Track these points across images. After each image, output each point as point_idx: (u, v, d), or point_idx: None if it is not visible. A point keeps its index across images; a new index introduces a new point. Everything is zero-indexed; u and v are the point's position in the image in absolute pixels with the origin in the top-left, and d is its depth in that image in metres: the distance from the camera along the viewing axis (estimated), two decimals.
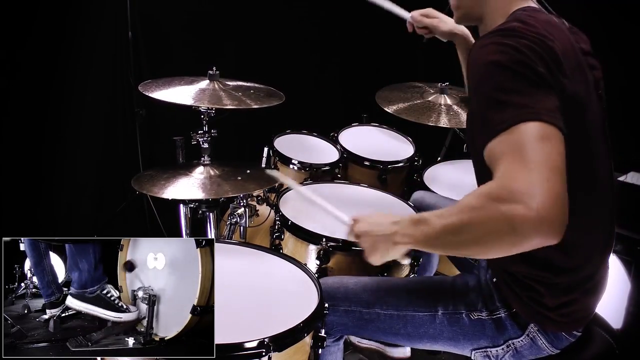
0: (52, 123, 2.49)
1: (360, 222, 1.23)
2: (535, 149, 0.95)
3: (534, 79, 1.03)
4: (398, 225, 1.14)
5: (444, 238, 1.05)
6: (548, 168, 0.94)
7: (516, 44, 1.05)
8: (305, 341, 1.22)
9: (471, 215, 0.99)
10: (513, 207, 0.92)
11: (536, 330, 1.27)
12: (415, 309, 1.35)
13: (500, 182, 0.96)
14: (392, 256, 1.19)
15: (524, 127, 0.97)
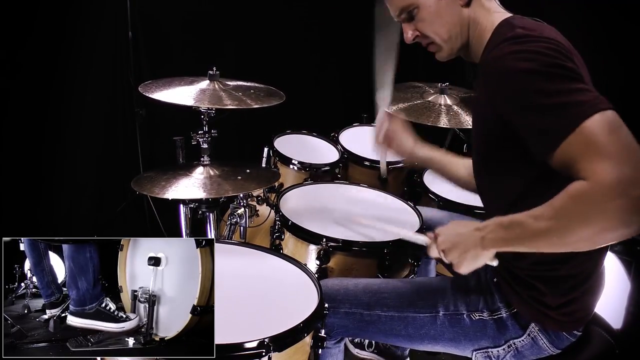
0: (52, 123, 2.49)
1: (441, 236, 1.23)
2: (611, 140, 0.96)
3: (571, 75, 1.04)
4: (484, 231, 1.15)
5: (547, 240, 1.04)
6: (632, 152, 0.96)
7: (537, 48, 1.06)
8: (305, 341, 1.22)
9: (574, 218, 0.99)
10: (619, 202, 0.93)
11: (537, 330, 1.27)
12: (416, 310, 1.35)
13: (596, 182, 0.96)
14: (482, 262, 1.19)
15: (589, 123, 0.98)
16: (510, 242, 1.11)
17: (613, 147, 0.96)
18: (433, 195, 2.12)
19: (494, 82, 1.13)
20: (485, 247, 1.15)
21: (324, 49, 3.27)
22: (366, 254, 1.60)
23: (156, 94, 1.67)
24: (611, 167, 0.95)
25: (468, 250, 1.17)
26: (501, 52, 1.11)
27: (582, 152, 0.98)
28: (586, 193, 0.97)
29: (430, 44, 1.35)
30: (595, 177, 0.96)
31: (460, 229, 1.21)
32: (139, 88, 1.72)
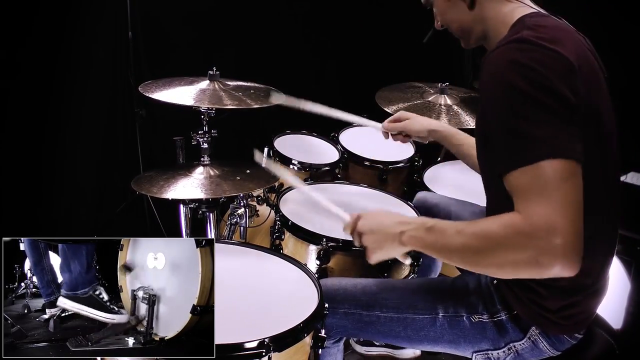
0: (52, 123, 2.49)
1: (363, 220, 1.26)
2: (560, 189, 1.00)
3: (555, 107, 1.03)
4: (407, 227, 1.18)
5: (460, 255, 1.10)
6: (572, 208, 1.00)
7: (529, 62, 1.05)
8: (305, 341, 1.22)
9: (495, 244, 1.04)
10: (540, 244, 0.98)
11: (537, 333, 1.26)
12: (416, 311, 1.34)
13: (529, 219, 1.00)
14: (394, 255, 1.23)
15: (548, 164, 1.00)
16: (427, 245, 1.15)
17: (557, 196, 0.99)
18: None
19: (487, 83, 1.13)
20: (402, 242, 1.18)
21: (324, 49, 3.27)
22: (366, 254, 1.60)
23: (156, 94, 1.67)
24: (547, 212, 0.99)
25: (384, 240, 1.20)
26: (501, 55, 1.10)
27: (528, 186, 1.02)
28: (515, 225, 1.01)
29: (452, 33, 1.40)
30: (529, 214, 1.00)
31: (385, 218, 1.23)
32: (139, 88, 1.72)
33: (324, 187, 2.02)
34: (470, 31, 1.33)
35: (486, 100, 1.14)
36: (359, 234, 1.26)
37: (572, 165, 1.02)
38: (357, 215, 1.28)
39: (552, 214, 0.98)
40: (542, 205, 0.99)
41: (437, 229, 1.13)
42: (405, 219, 1.21)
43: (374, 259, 1.25)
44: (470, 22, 1.31)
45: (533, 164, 1.01)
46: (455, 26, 1.35)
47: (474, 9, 1.28)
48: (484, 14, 1.28)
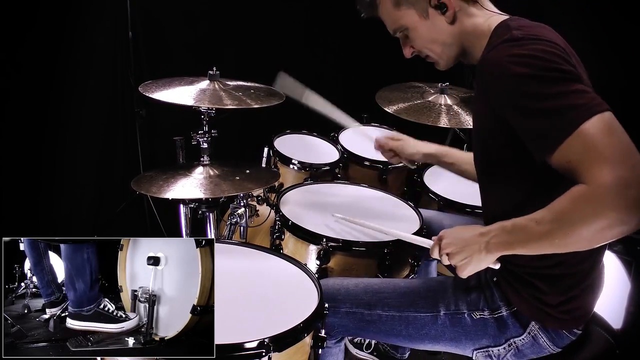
0: (52, 123, 2.49)
1: (445, 240, 1.24)
2: (608, 143, 0.99)
3: (568, 77, 1.05)
4: (488, 236, 1.17)
5: (549, 242, 1.07)
6: (628, 154, 0.99)
7: (533, 52, 1.07)
8: (305, 341, 1.22)
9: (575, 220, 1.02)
10: (615, 203, 0.97)
11: (537, 329, 1.27)
12: (417, 310, 1.35)
13: (594, 184, 0.99)
14: (485, 265, 1.21)
15: (587, 126, 1.00)
16: (514, 245, 1.13)
17: (610, 150, 0.99)
18: (433, 195, 2.12)
19: (492, 85, 1.14)
20: (490, 251, 1.17)
21: (324, 49, 3.27)
22: (366, 254, 1.60)
23: (156, 94, 1.67)
24: (608, 170, 0.97)
25: (472, 254, 1.19)
26: (498, 54, 1.12)
27: (580, 155, 1.01)
28: (585, 196, 1.00)
29: (427, 56, 1.40)
30: (593, 180, 0.99)
31: (465, 233, 1.22)
32: (139, 88, 1.72)
33: (324, 187, 2.02)
34: (451, 49, 1.34)
35: (498, 100, 1.14)
36: (447, 255, 1.23)
37: (610, 117, 1.02)
38: (438, 236, 1.27)
39: (613, 169, 0.97)
40: (600, 166, 0.98)
41: (517, 227, 1.12)
42: (484, 228, 1.19)
43: (467, 274, 1.22)
44: (451, 40, 1.32)
45: (573, 133, 1.01)
46: (436, 46, 1.34)
47: (454, 25, 1.29)
48: (463, 29, 1.30)
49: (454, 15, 1.28)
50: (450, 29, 1.30)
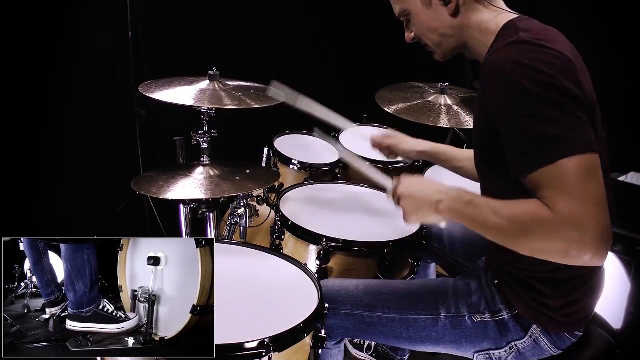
0: (52, 123, 2.49)
1: (403, 184, 1.28)
2: (583, 185, 1.01)
3: (565, 101, 1.05)
4: (445, 195, 1.19)
5: (492, 233, 1.12)
6: (597, 201, 1.01)
7: (534, 63, 1.06)
8: (305, 341, 1.22)
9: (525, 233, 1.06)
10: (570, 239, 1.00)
11: (539, 332, 1.27)
12: (418, 312, 1.34)
13: (558, 213, 1.01)
14: (430, 221, 1.24)
15: (567, 162, 1.02)
16: (463, 217, 1.16)
17: (579, 193, 1.01)
18: None
19: (491, 88, 1.14)
20: (439, 211, 1.19)
21: (324, 49, 3.27)
22: (366, 254, 1.60)
23: (156, 94, 1.67)
24: (572, 206, 1.00)
25: (422, 206, 1.22)
26: (503, 57, 1.11)
27: (552, 185, 1.03)
28: (545, 219, 1.03)
29: (426, 45, 1.40)
30: (556, 209, 1.02)
31: (424, 186, 1.26)
32: (139, 88, 1.72)
33: (324, 187, 2.02)
34: (449, 41, 1.33)
35: (493, 104, 1.14)
36: (398, 197, 1.27)
37: (591, 158, 1.03)
38: (398, 178, 1.30)
39: (578, 210, 1.00)
40: (567, 201, 1.01)
41: (475, 204, 1.14)
42: (444, 188, 1.22)
43: (409, 222, 1.27)
44: (451, 31, 1.31)
45: (553, 164, 1.02)
46: (434, 36, 1.34)
47: (456, 17, 1.29)
48: (465, 23, 1.29)
49: (456, 8, 1.27)
50: (451, 21, 1.29)
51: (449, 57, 1.38)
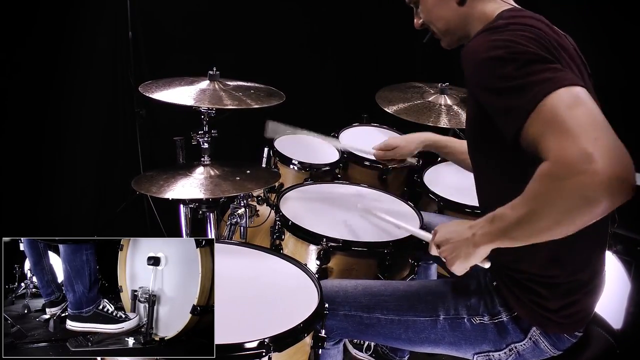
0: (52, 123, 2.49)
1: (439, 232, 1.23)
2: (572, 115, 0.94)
3: (541, 58, 1.03)
4: (475, 228, 1.14)
5: (523, 228, 1.03)
6: (592, 127, 0.93)
7: (509, 37, 1.06)
8: (305, 341, 1.22)
9: (540, 200, 0.97)
10: (577, 179, 0.90)
11: (538, 334, 1.26)
12: (416, 314, 1.34)
13: (555, 159, 0.94)
14: (474, 261, 1.17)
15: (550, 98, 0.96)
16: (496, 235, 1.09)
17: (571, 122, 0.93)
18: (433, 196, 2.12)
19: (468, 71, 1.13)
20: (476, 243, 1.13)
21: (324, 49, 3.27)
22: (366, 254, 1.60)
23: (156, 94, 1.67)
24: (568, 144, 0.92)
25: (460, 246, 1.16)
26: (476, 42, 1.12)
27: (544, 129, 0.97)
28: (547, 173, 0.95)
29: (433, 32, 1.40)
30: (554, 154, 0.94)
31: (457, 226, 1.20)
32: (139, 88, 1.72)
33: (324, 187, 2.02)
34: (455, 29, 1.33)
35: (474, 84, 1.12)
36: (437, 247, 1.23)
37: (574, 90, 0.97)
38: (433, 231, 1.26)
39: (574, 143, 0.91)
40: (561, 140, 0.93)
41: (497, 216, 1.08)
42: (474, 222, 1.16)
43: (457, 270, 1.19)
44: (457, 20, 1.31)
45: (535, 109, 0.98)
46: (441, 24, 1.35)
47: (463, 6, 1.29)
48: (470, 12, 1.29)
49: None
50: (457, 9, 1.29)
51: (455, 45, 1.38)
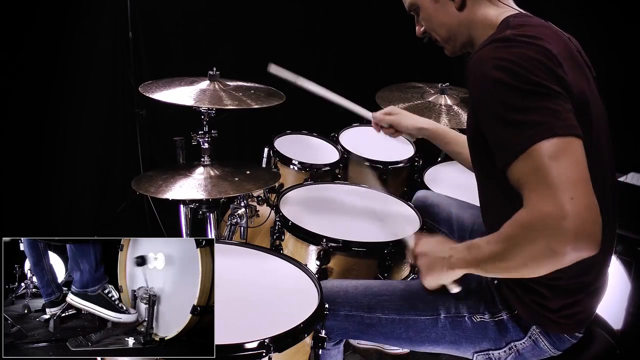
0: (52, 123, 2.49)
1: (422, 243, 1.30)
2: (555, 168, 0.97)
3: (543, 91, 1.03)
4: (454, 250, 1.21)
5: (493, 264, 1.10)
6: (571, 184, 0.96)
7: (514, 58, 1.05)
8: (305, 342, 1.22)
9: (512, 244, 1.04)
10: (548, 232, 0.96)
11: (538, 333, 1.26)
12: (417, 313, 1.34)
13: (531, 210, 0.99)
14: (445, 280, 1.26)
15: (539, 147, 0.99)
16: (470, 263, 1.16)
17: (553, 177, 0.97)
18: None
19: (472, 83, 1.14)
20: (451, 265, 1.20)
21: (324, 49, 3.27)
22: (366, 254, 1.60)
23: (156, 94, 1.67)
24: (547, 198, 0.96)
25: (436, 263, 1.24)
26: (483, 54, 1.11)
27: (526, 176, 1.01)
28: (522, 221, 1.01)
29: (435, 40, 1.40)
30: (531, 205, 0.99)
31: (439, 243, 1.27)
32: (140, 88, 1.72)
33: (324, 187, 2.02)
34: (457, 35, 1.33)
35: (476, 100, 1.14)
36: (415, 256, 1.30)
37: (567, 142, 0.99)
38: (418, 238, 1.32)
39: (550, 198, 0.96)
40: (540, 192, 0.97)
41: (474, 245, 1.14)
42: (456, 245, 1.22)
43: (427, 283, 1.29)
44: (457, 26, 1.31)
45: (525, 152, 1.00)
46: (442, 31, 1.35)
47: (462, 12, 1.29)
48: (471, 17, 1.29)
49: (462, 2, 1.27)
50: (458, 15, 1.29)
51: (458, 52, 1.38)
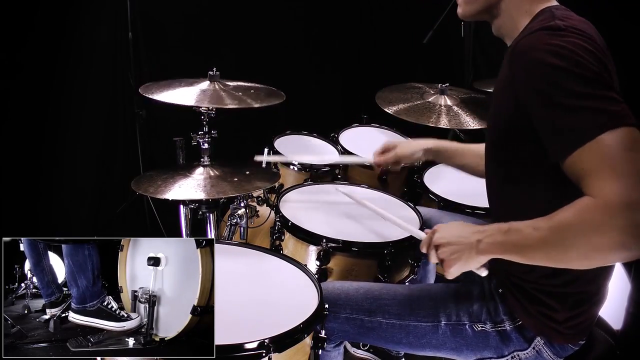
0: (52, 123, 2.49)
1: (439, 232, 1.19)
2: (628, 159, 0.94)
3: (601, 80, 1.00)
4: (483, 234, 1.11)
5: (544, 251, 1.02)
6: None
7: (571, 47, 1.02)
8: (305, 342, 1.22)
9: (574, 232, 0.97)
10: (619, 224, 0.91)
11: (542, 343, 1.25)
12: (418, 319, 1.33)
13: (603, 199, 0.94)
14: (473, 267, 1.15)
15: (610, 135, 0.95)
16: (507, 248, 1.08)
17: (627, 168, 0.93)
18: (433, 196, 2.12)
19: (523, 70, 1.09)
20: (481, 251, 1.11)
21: (324, 49, 3.27)
22: (366, 254, 1.60)
23: (156, 94, 1.67)
24: (621, 188, 0.92)
25: (462, 250, 1.13)
26: (536, 41, 1.07)
27: (595, 165, 0.96)
28: (590, 209, 0.95)
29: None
30: (602, 194, 0.94)
31: (460, 228, 1.17)
32: (140, 89, 1.72)
33: (324, 188, 2.02)
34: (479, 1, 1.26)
35: (525, 87, 1.08)
36: (435, 247, 1.18)
37: (635, 133, 0.95)
38: (432, 229, 1.22)
39: (627, 189, 0.91)
40: (614, 182, 0.92)
41: (514, 229, 1.06)
42: (481, 227, 1.13)
43: (451, 273, 1.16)
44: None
45: (594, 139, 0.95)
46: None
47: None
48: None
49: None
50: None
51: (471, 17, 1.31)
